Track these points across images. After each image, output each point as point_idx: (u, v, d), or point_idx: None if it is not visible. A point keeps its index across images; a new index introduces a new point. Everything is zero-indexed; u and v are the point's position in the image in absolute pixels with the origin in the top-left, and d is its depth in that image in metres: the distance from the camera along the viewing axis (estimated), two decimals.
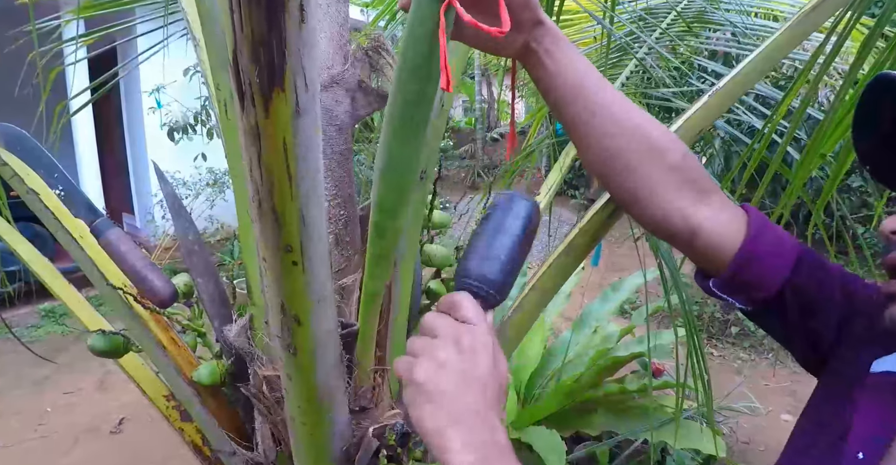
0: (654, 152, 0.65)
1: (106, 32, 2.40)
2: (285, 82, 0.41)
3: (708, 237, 0.64)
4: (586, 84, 0.66)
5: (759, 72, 0.77)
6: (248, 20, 0.37)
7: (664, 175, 0.65)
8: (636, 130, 0.65)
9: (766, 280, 0.63)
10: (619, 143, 0.65)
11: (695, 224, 0.64)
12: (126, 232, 0.90)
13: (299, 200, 0.52)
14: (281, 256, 0.58)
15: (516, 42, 0.67)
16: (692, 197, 0.65)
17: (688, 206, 0.65)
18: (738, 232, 0.64)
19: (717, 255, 0.64)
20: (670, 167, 0.65)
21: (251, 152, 0.48)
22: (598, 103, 0.65)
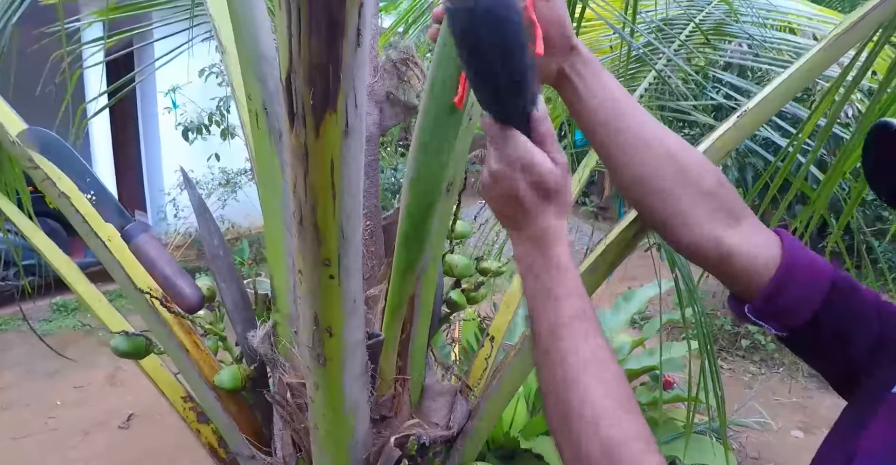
0: (687, 178, 0.65)
1: (125, 35, 2.43)
2: (338, 104, 0.42)
3: (741, 263, 0.64)
4: (620, 110, 0.66)
5: (792, 92, 0.77)
6: (305, 45, 0.38)
7: (697, 201, 0.65)
8: (670, 156, 0.65)
9: (800, 306, 0.63)
10: (652, 168, 0.66)
11: (727, 249, 0.65)
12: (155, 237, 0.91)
13: (340, 216, 0.53)
14: (319, 270, 0.59)
15: (550, 67, 0.67)
16: (725, 222, 0.65)
17: (721, 231, 0.65)
18: (771, 258, 0.64)
19: (751, 280, 0.64)
20: (704, 193, 0.65)
21: (297, 171, 0.49)
22: (632, 129, 0.66)
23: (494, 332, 1.41)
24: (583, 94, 0.67)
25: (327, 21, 0.36)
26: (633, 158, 0.67)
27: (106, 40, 2.13)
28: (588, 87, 0.67)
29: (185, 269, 3.44)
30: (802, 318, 0.63)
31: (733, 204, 0.66)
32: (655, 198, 0.67)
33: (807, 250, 0.65)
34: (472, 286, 1.18)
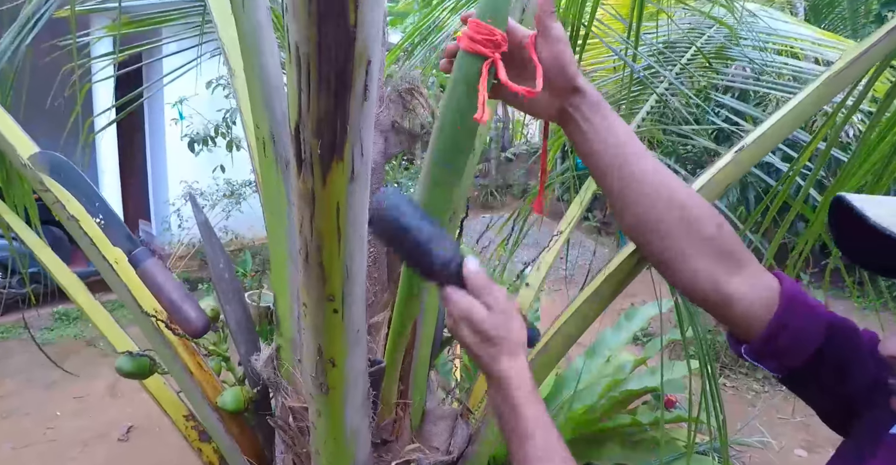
0: (689, 223, 0.66)
1: (135, 51, 2.46)
2: (344, 154, 0.44)
3: (740, 307, 0.66)
4: (624, 152, 0.67)
5: (790, 127, 0.78)
6: (315, 100, 0.40)
7: (698, 246, 0.66)
8: (672, 201, 0.67)
9: (797, 350, 0.64)
10: (654, 212, 0.67)
11: (727, 294, 0.66)
12: (157, 257, 0.92)
13: (345, 255, 0.54)
14: (324, 305, 0.61)
15: (553, 106, 0.69)
16: (725, 267, 0.66)
17: (721, 276, 0.66)
18: (770, 302, 0.65)
19: (750, 323, 0.66)
20: (705, 238, 0.66)
21: (304, 213, 0.50)
22: (635, 172, 0.67)
23: None
24: (587, 134, 0.68)
25: (336, 78, 0.38)
26: (636, 202, 0.68)
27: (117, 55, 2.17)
28: (593, 128, 0.68)
29: (187, 279, 3.48)
30: (799, 360, 0.64)
31: (734, 249, 0.67)
32: (657, 241, 0.68)
33: (805, 295, 0.66)
34: None
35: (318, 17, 0.35)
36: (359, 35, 0.36)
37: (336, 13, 0.34)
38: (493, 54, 0.65)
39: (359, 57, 0.37)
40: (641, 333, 4.11)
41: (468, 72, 0.65)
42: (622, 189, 0.68)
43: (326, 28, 0.35)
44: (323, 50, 0.36)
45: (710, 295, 0.67)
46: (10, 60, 1.49)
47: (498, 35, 0.65)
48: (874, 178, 1.29)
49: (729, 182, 0.78)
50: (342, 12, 0.34)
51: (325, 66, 0.37)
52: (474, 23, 0.65)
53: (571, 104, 0.68)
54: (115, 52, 2.26)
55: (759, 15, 2.16)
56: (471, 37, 0.65)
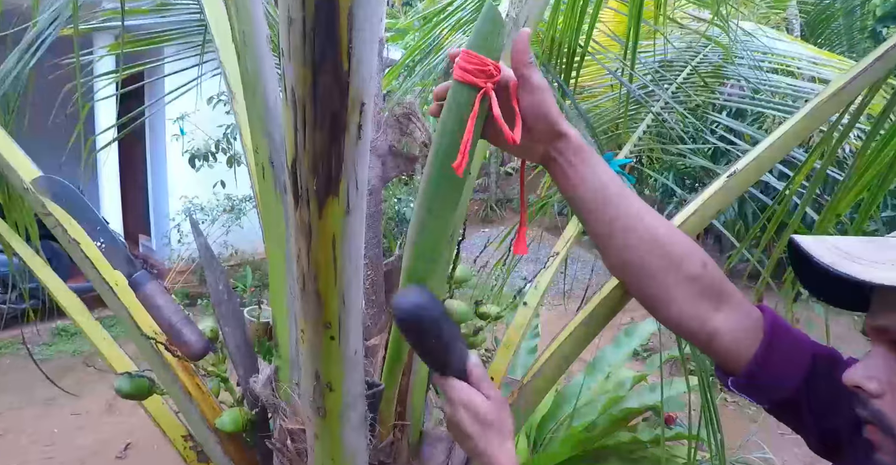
0: (673, 264, 0.68)
1: (137, 70, 2.49)
2: (340, 189, 0.45)
3: (725, 342, 0.67)
4: (607, 195, 0.69)
5: (781, 153, 0.79)
6: (310, 139, 0.41)
7: (683, 284, 0.68)
8: (656, 242, 0.68)
9: (782, 383, 0.65)
10: (639, 254, 0.69)
11: (712, 329, 0.67)
12: (154, 276, 0.93)
13: (342, 284, 0.56)
14: (321, 331, 0.61)
15: (537, 150, 0.71)
16: (710, 304, 0.68)
17: (705, 312, 0.68)
18: (754, 336, 0.66)
19: (735, 357, 0.67)
20: (689, 277, 0.68)
21: (301, 244, 0.51)
22: (619, 215, 0.69)
23: (493, 373, 1.41)
24: (571, 178, 0.70)
25: (330, 120, 0.39)
26: (621, 244, 0.69)
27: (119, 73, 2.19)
28: (576, 171, 0.69)
29: (187, 294, 3.48)
30: (784, 392, 0.66)
31: (718, 285, 0.69)
32: (643, 280, 0.70)
33: (789, 328, 0.68)
34: (471, 331, 1.19)
35: (312, 63, 0.36)
36: (352, 80, 0.38)
37: (330, 60, 0.36)
38: (484, 84, 0.66)
39: (353, 100, 0.39)
40: (642, 348, 4.10)
41: (460, 101, 0.67)
42: (607, 231, 0.70)
43: (321, 74, 0.36)
44: (318, 94, 0.38)
45: (696, 331, 0.68)
46: (13, 83, 1.50)
47: (490, 65, 0.66)
48: (870, 195, 1.30)
49: (720, 208, 0.79)
50: (336, 60, 0.36)
51: (320, 109, 0.38)
52: (466, 53, 0.66)
53: (555, 148, 0.69)
54: (118, 71, 2.29)
55: (754, 34, 2.19)
56: (462, 67, 0.67)
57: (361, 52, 0.37)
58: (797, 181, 1.11)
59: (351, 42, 0.36)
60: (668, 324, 0.71)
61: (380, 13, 0.37)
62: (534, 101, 0.67)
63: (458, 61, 0.67)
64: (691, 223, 0.80)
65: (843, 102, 0.83)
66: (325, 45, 0.35)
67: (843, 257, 0.52)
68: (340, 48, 0.36)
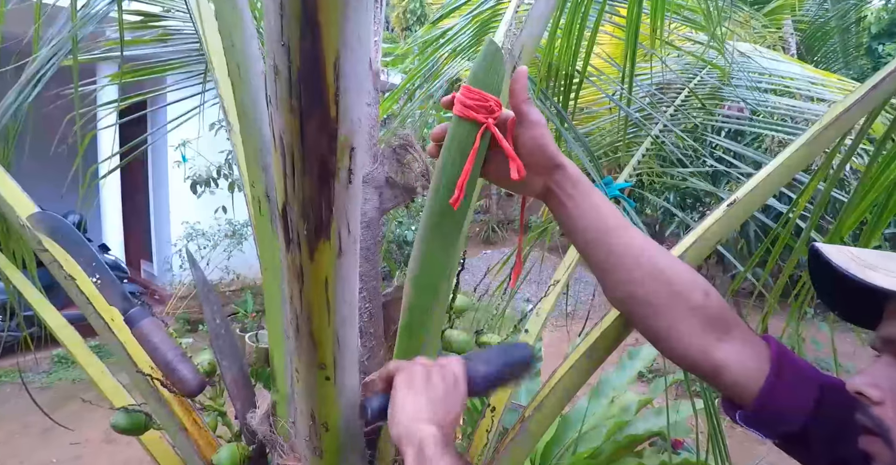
0: (675, 296, 0.67)
1: (139, 99, 2.51)
2: (331, 234, 0.44)
3: (730, 374, 0.66)
4: (607, 226, 0.68)
5: (785, 176, 0.78)
6: (300, 185, 0.40)
7: (686, 316, 0.67)
8: (658, 275, 0.67)
9: (789, 416, 0.64)
10: (640, 286, 0.68)
11: (717, 362, 0.66)
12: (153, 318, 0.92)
13: (335, 325, 0.54)
14: (315, 372, 0.60)
15: (535, 184, 0.70)
16: (713, 335, 0.67)
17: (709, 344, 0.66)
18: (760, 367, 0.65)
19: (741, 390, 0.66)
20: (692, 308, 0.67)
21: (293, 287, 0.50)
22: (620, 248, 0.68)
23: (496, 403, 1.39)
24: (570, 210, 0.69)
25: (319, 165, 0.39)
26: (622, 276, 0.69)
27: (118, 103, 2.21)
28: (575, 203, 0.69)
29: (188, 320, 3.46)
30: (793, 426, 0.64)
31: (721, 316, 0.68)
32: (645, 313, 0.69)
33: (795, 358, 0.66)
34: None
35: (299, 112, 0.35)
36: (340, 127, 0.37)
37: (317, 109, 0.35)
38: (485, 120, 0.66)
39: (341, 146, 0.38)
40: (646, 369, 4.05)
41: (461, 138, 0.66)
42: (607, 264, 0.69)
43: (308, 122, 0.36)
44: (305, 141, 0.37)
45: (700, 364, 0.67)
46: (13, 115, 1.51)
47: (491, 101, 0.66)
48: (873, 217, 1.29)
49: (721, 237, 0.78)
50: (323, 108, 0.35)
51: (309, 155, 0.38)
52: (466, 88, 0.66)
53: (553, 181, 0.69)
54: (118, 101, 2.31)
55: (751, 56, 2.20)
56: (462, 102, 0.67)
57: (348, 99, 0.36)
58: (801, 205, 1.10)
59: (338, 91, 0.35)
60: (672, 357, 0.70)
61: (366, 60, 0.37)
62: (533, 135, 0.67)
63: (458, 96, 0.67)
64: (693, 253, 0.79)
65: (844, 128, 0.82)
66: (312, 94, 0.35)
67: (864, 266, 0.53)
68: (327, 97, 0.35)
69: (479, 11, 2.16)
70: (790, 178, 0.80)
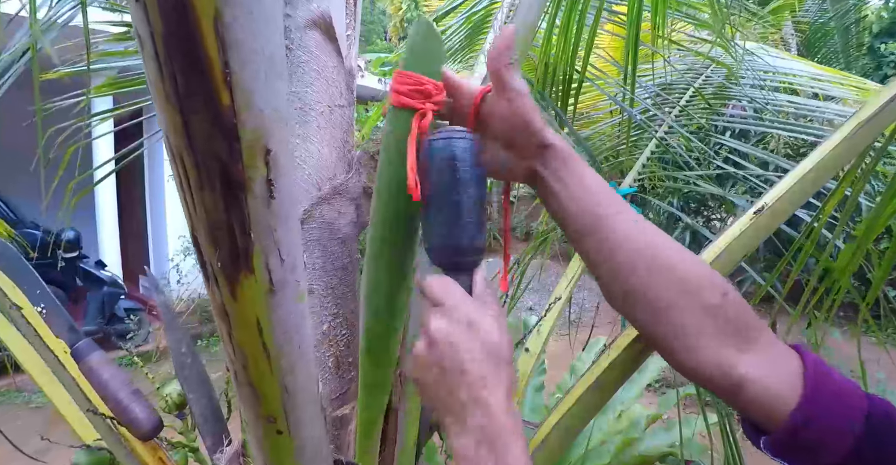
0: (686, 292, 0.55)
1: (132, 108, 2.44)
2: (254, 265, 0.34)
3: (755, 391, 0.53)
4: (605, 213, 0.57)
5: (817, 183, 0.67)
6: (199, 203, 0.30)
7: (699, 319, 0.54)
8: (664, 267, 0.55)
9: (830, 443, 0.51)
10: (643, 281, 0.55)
11: (738, 377, 0.53)
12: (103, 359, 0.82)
13: (280, 373, 0.44)
14: (262, 425, 0.50)
15: (521, 167, 0.59)
16: (733, 344, 0.54)
17: (728, 355, 0.54)
18: (791, 384, 0.52)
19: (768, 411, 0.53)
20: (706, 310, 0.54)
21: (222, 329, 0.40)
22: (618, 235, 0.56)
23: None
24: (560, 195, 0.58)
25: (220, 175, 0.28)
26: (621, 270, 0.56)
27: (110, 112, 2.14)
28: (565, 186, 0.58)
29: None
30: (834, 455, 0.50)
31: (743, 321, 0.55)
32: (650, 315, 0.56)
33: (833, 374, 0.53)
34: None
35: (177, 99, 0.25)
36: (242, 119, 0.26)
37: (199, 93, 0.25)
38: (422, 106, 0.57)
39: (248, 147, 0.27)
40: (654, 381, 3.93)
41: (398, 131, 0.57)
42: (605, 255, 0.57)
43: (192, 113, 0.25)
44: (194, 141, 0.27)
45: (716, 377, 0.54)
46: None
47: (428, 84, 0.57)
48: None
49: (747, 252, 0.67)
50: (208, 92, 0.25)
51: (203, 162, 0.27)
52: (398, 73, 0.57)
53: (541, 162, 0.58)
54: (107, 112, 2.24)
55: (757, 53, 2.10)
56: (397, 90, 0.57)
57: (249, 78, 0.26)
58: (827, 210, 0.98)
59: (228, 67, 0.25)
60: (684, 370, 0.57)
61: (276, 22, 0.26)
62: (512, 108, 0.56)
63: (391, 84, 0.58)
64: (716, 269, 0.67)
65: (885, 123, 0.71)
66: (188, 72, 0.24)
67: None
68: (212, 76, 0.25)
69: (472, 12, 2.07)
70: (827, 179, 0.69)
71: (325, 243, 0.78)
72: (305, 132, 0.75)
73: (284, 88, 0.29)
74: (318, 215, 0.76)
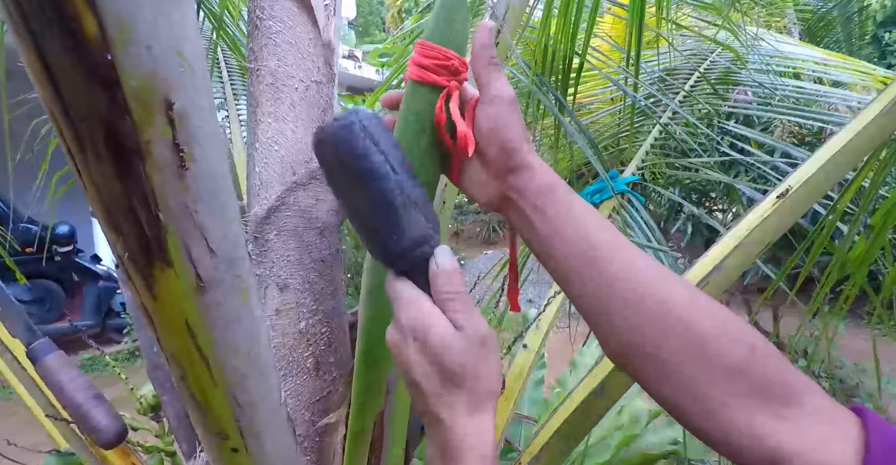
0: (703, 349, 0.43)
1: None
2: (169, 255, 0.27)
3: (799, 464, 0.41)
4: (598, 255, 0.46)
5: (850, 161, 0.60)
6: (86, 173, 0.23)
7: (721, 381, 0.43)
8: (673, 316, 0.44)
9: None
10: (649, 335, 0.44)
11: (775, 447, 0.41)
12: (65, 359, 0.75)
13: (225, 384, 0.37)
14: (217, 442, 0.43)
15: (491, 187, 0.50)
16: (767, 409, 0.42)
17: (762, 422, 0.42)
18: (844, 453, 0.40)
19: None
20: (729, 370, 0.43)
21: (151, 332, 0.33)
22: (615, 280, 0.45)
23: (498, 412, 1.22)
24: (538, 228, 0.48)
25: (105, 137, 0.21)
26: (620, 321, 0.45)
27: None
28: (545, 219, 0.47)
29: None
30: None
31: (780, 379, 0.43)
32: (658, 375, 0.44)
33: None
34: None
35: (24, 20, 0.18)
36: (120, 57, 0.19)
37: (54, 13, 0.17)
38: (447, 83, 0.49)
39: (138, 98, 0.20)
40: None
41: (419, 108, 0.50)
42: (598, 303, 0.46)
43: (48, 45, 0.18)
44: (62, 86, 0.19)
45: (750, 451, 0.42)
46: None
47: (454, 59, 0.49)
48: None
49: (771, 238, 0.59)
50: (62, 12, 0.17)
51: (77, 116, 0.20)
52: (421, 44, 0.50)
53: (513, 187, 0.48)
54: None
55: (765, 38, 2.03)
56: (419, 62, 0.49)
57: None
58: (844, 200, 0.91)
59: None
60: (708, 439, 0.44)
61: None
62: (491, 115, 0.47)
63: (412, 57, 0.50)
64: (734, 261, 0.59)
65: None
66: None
67: None
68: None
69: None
70: (858, 161, 0.62)
71: (301, 233, 0.71)
72: (277, 110, 0.68)
73: (192, 23, 0.22)
74: (292, 202, 0.69)
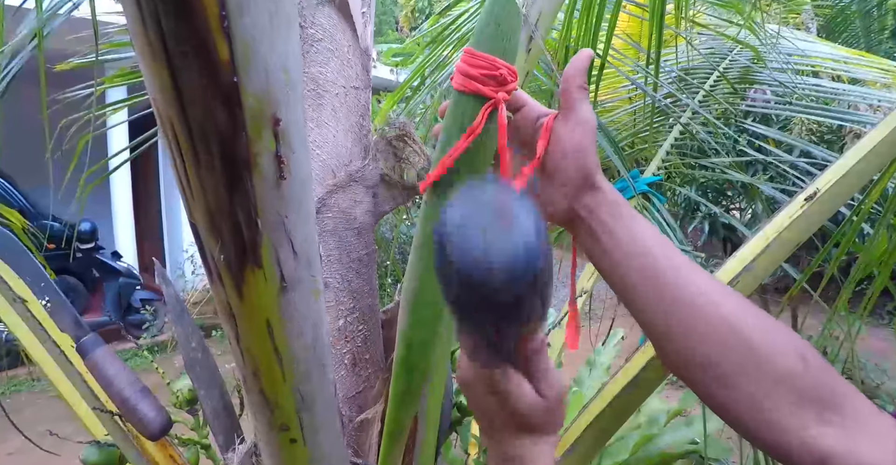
0: (756, 359, 0.47)
1: (144, 98, 2.41)
2: (262, 258, 0.29)
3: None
4: (660, 270, 0.50)
5: (881, 160, 0.61)
6: (196, 185, 0.25)
7: (771, 389, 0.47)
8: (728, 329, 0.48)
9: None
10: (706, 347, 0.48)
11: (823, 453, 0.45)
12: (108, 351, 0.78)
13: (294, 380, 0.39)
14: (276, 435, 0.45)
15: (562, 206, 0.53)
16: (815, 417, 0.46)
17: (809, 428, 0.46)
18: (889, 458, 0.44)
19: None
20: (779, 378, 0.47)
21: (229, 331, 0.35)
22: (677, 295, 0.49)
23: None
24: (605, 244, 0.51)
25: (221, 151, 0.23)
26: (676, 332, 0.49)
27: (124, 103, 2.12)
28: (612, 236, 0.51)
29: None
30: None
31: (825, 387, 0.47)
32: (712, 383, 0.49)
33: None
34: None
35: (164, 51, 0.20)
36: (244, 78, 0.22)
37: (193, 43, 0.20)
38: (494, 94, 0.50)
39: (253, 116, 0.23)
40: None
41: (462, 119, 0.51)
42: (656, 315, 0.50)
43: (183, 70, 0.21)
44: (188, 107, 0.22)
45: (797, 456, 0.46)
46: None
47: (502, 68, 0.50)
48: None
49: (798, 242, 0.61)
50: (202, 42, 0.20)
51: (199, 134, 0.23)
52: (468, 52, 0.51)
53: (585, 206, 0.52)
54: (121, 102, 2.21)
55: (785, 36, 2.02)
56: (464, 71, 0.51)
57: (250, 24, 0.21)
58: (871, 200, 0.92)
59: (225, 6, 0.20)
60: (754, 441, 0.49)
61: None
62: (577, 138, 0.51)
63: (458, 65, 0.52)
64: (763, 263, 0.61)
65: None
66: (176, 18, 0.20)
67: None
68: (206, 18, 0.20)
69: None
70: (886, 163, 0.63)
71: (341, 234, 0.74)
72: (319, 116, 0.70)
73: (296, 41, 0.24)
74: (332, 204, 0.71)
